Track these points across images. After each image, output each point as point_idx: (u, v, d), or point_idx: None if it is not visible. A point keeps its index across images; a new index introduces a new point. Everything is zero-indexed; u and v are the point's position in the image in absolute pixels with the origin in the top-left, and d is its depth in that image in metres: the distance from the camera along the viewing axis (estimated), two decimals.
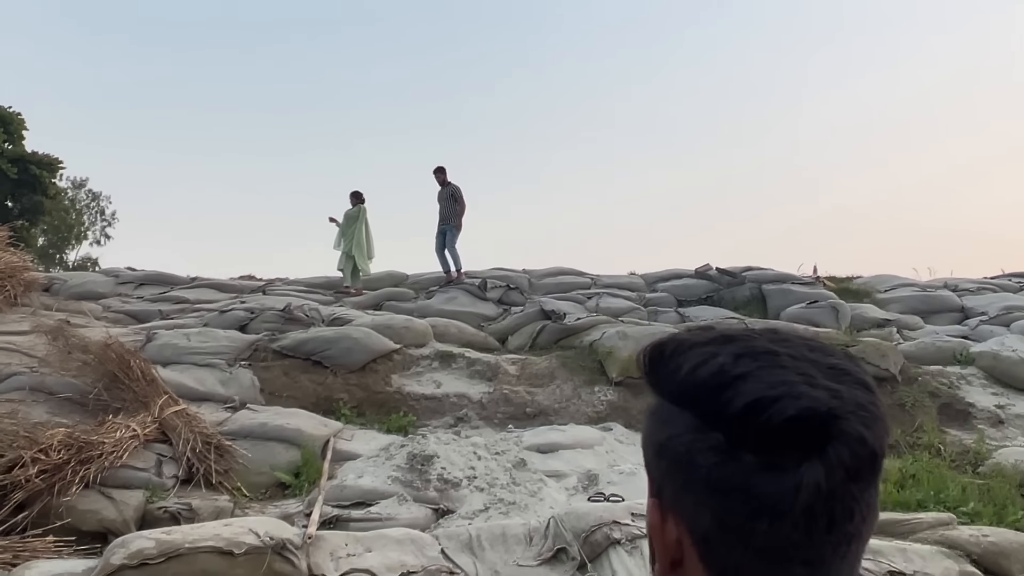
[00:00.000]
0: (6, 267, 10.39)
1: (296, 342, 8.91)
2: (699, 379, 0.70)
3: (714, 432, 0.68)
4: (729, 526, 0.68)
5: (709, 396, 0.69)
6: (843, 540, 0.68)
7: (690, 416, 0.71)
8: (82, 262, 36.98)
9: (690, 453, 0.70)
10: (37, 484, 5.54)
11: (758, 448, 0.66)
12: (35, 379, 7.60)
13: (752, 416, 0.66)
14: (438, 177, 13.08)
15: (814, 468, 0.65)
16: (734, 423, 0.67)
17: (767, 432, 0.65)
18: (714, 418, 0.68)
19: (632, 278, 14.10)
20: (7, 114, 30.93)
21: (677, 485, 0.72)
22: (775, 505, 0.65)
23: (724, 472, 0.67)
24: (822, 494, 0.65)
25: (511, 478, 6.65)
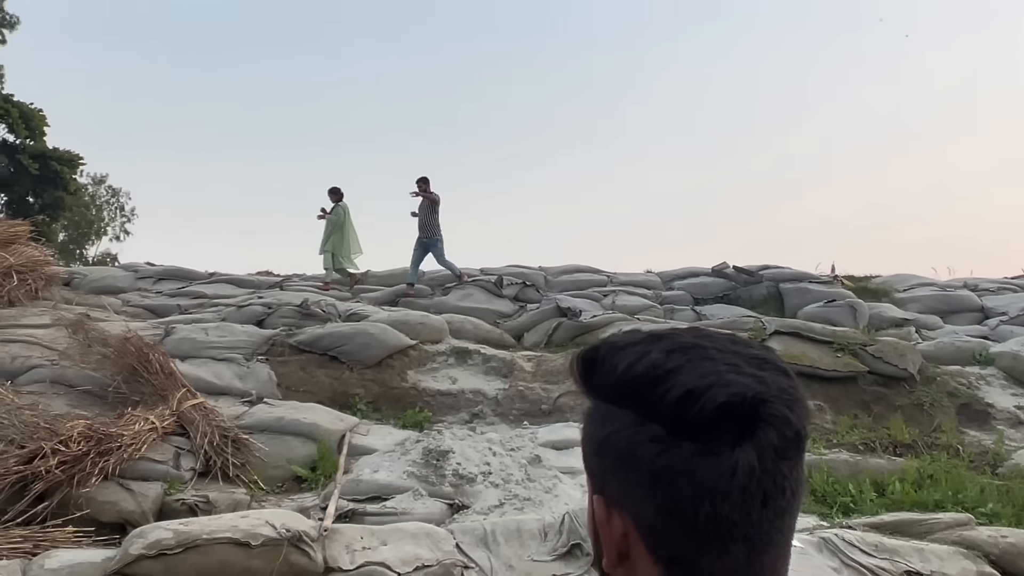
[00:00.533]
0: (28, 261, 10.51)
1: (313, 337, 8.95)
2: (634, 375, 0.74)
3: (652, 424, 0.72)
4: (673, 513, 0.71)
5: (645, 391, 0.73)
6: (777, 515, 0.73)
7: (628, 412, 0.74)
8: (102, 257, 37.28)
9: (631, 447, 0.73)
10: (57, 475, 5.59)
11: (695, 435, 0.70)
12: (56, 372, 7.68)
13: (687, 405, 0.70)
14: (420, 187, 12.55)
15: (747, 450, 0.70)
16: (671, 414, 0.71)
17: (702, 419, 0.69)
18: (651, 411, 0.72)
19: (648, 276, 14.08)
20: (29, 111, 31.25)
21: (620, 479, 0.75)
22: (714, 487, 0.70)
23: (665, 461, 0.71)
24: (756, 474, 0.70)
25: (526, 474, 6.66)
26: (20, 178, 30.42)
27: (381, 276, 13.74)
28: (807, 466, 3.65)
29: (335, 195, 13.34)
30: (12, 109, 30.50)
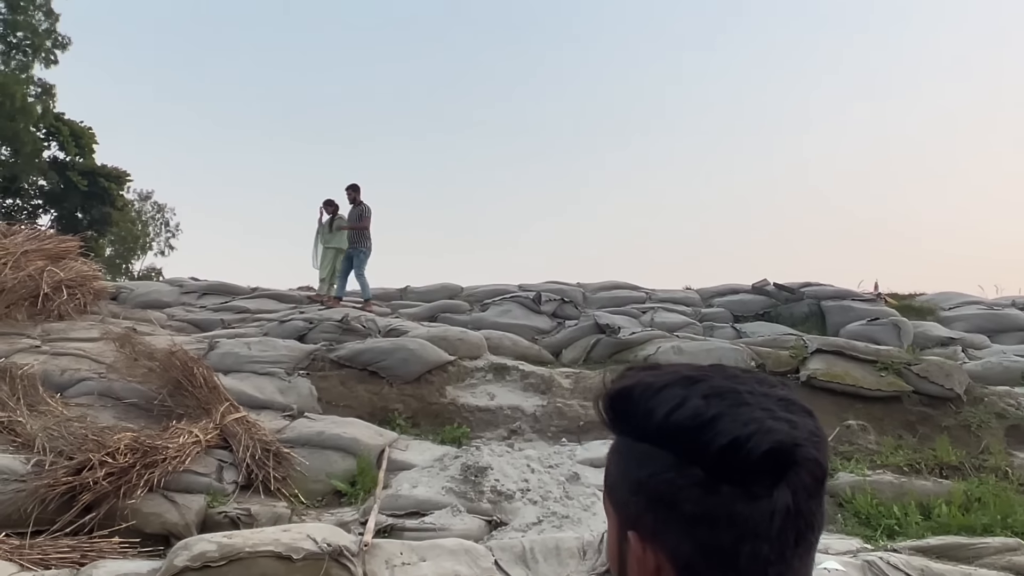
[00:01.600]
0: (77, 276, 10.76)
1: (353, 352, 9.03)
2: (677, 422, 0.77)
3: (694, 468, 0.75)
4: (713, 552, 0.75)
5: (689, 437, 0.76)
6: (805, 550, 0.77)
7: (669, 455, 0.77)
8: (147, 272, 38.04)
9: (672, 489, 0.76)
10: (104, 486, 5.70)
11: (737, 480, 0.74)
12: (103, 384, 7.85)
13: (732, 453, 0.73)
14: (349, 195, 12.33)
15: (784, 493, 0.74)
16: (715, 460, 0.74)
17: (746, 466, 0.73)
18: (694, 456, 0.75)
19: (687, 293, 14.00)
20: (79, 129, 32.07)
21: (658, 518, 0.78)
22: (756, 529, 0.74)
23: (708, 504, 0.74)
24: (791, 514, 0.74)
25: (565, 492, 6.64)
26: (70, 194, 31.21)
27: (420, 292, 13.84)
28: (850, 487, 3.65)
29: (332, 207, 12.96)
30: (63, 127, 31.34)
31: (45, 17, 30.29)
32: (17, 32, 29.62)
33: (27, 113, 29.25)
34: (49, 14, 30.35)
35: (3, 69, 29.57)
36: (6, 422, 6.67)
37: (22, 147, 29.58)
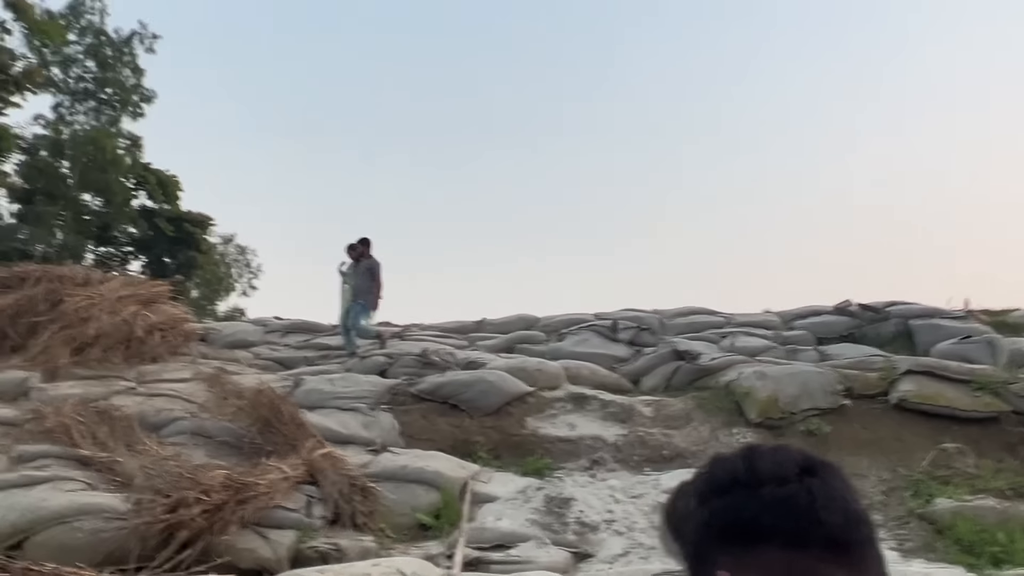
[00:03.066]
0: (168, 319, 11.19)
1: (433, 386, 9.13)
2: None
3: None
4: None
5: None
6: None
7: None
8: (231, 312, 39.20)
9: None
10: (200, 523, 5.88)
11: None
12: (195, 424, 8.11)
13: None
14: (358, 249, 11.88)
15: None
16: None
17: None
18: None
19: (767, 316, 13.72)
20: (165, 177, 33.46)
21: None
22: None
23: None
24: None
25: (650, 522, 6.56)
26: (158, 240, 32.51)
27: (496, 323, 13.91)
28: (950, 513, 3.52)
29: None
30: (150, 176, 32.75)
31: (132, 73, 31.85)
32: (106, 88, 31.19)
33: (117, 165, 30.69)
34: (136, 70, 31.89)
35: (95, 124, 31.15)
36: (107, 462, 6.95)
37: (113, 197, 31.02)
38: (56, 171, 30.75)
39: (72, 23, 30.88)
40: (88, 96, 31.19)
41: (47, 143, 30.99)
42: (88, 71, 31.17)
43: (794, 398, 8.72)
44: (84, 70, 31.16)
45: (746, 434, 8.51)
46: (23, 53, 28.78)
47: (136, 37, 31.87)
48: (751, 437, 8.45)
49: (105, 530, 5.97)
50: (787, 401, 8.70)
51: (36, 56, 29.58)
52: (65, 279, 11.12)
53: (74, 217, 30.92)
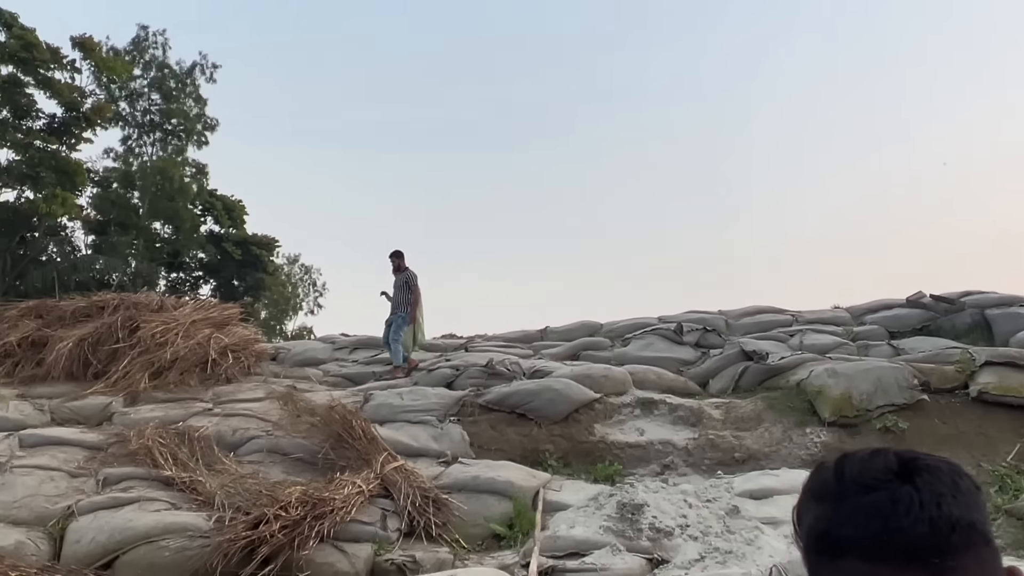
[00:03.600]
0: (240, 340, 11.48)
1: (500, 396, 9.18)
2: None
3: None
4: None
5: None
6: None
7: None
8: (299, 331, 40.02)
9: None
10: (280, 539, 6.02)
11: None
12: (271, 441, 8.30)
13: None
14: (393, 262, 11.96)
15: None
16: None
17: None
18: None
19: (837, 312, 13.43)
20: (231, 202, 34.37)
21: None
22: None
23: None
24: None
25: (725, 526, 6.48)
26: (226, 264, 33.38)
27: (559, 331, 13.91)
28: None
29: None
30: (216, 202, 33.68)
31: (195, 103, 32.84)
32: (172, 119, 32.20)
33: (185, 193, 31.64)
34: (198, 100, 32.88)
35: (162, 154, 32.17)
36: (188, 482, 7.16)
37: (182, 224, 31.97)
38: (127, 202, 31.86)
39: (136, 58, 31.98)
40: (154, 128, 32.23)
41: (118, 175, 32.14)
42: (153, 103, 32.23)
43: (868, 395, 8.52)
44: (150, 103, 32.23)
45: (820, 433, 8.34)
46: (92, 90, 29.91)
47: (197, 68, 32.85)
48: (825, 436, 8.28)
49: (190, 548, 6.16)
50: (861, 398, 8.50)
51: (104, 92, 30.71)
52: (141, 306, 11.51)
53: (146, 245, 31.96)
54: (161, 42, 32.39)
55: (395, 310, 11.72)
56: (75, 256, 30.31)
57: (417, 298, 11.77)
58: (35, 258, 28.87)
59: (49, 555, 6.34)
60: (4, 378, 10.42)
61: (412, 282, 11.81)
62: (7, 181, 27.84)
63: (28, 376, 10.47)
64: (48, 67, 27.49)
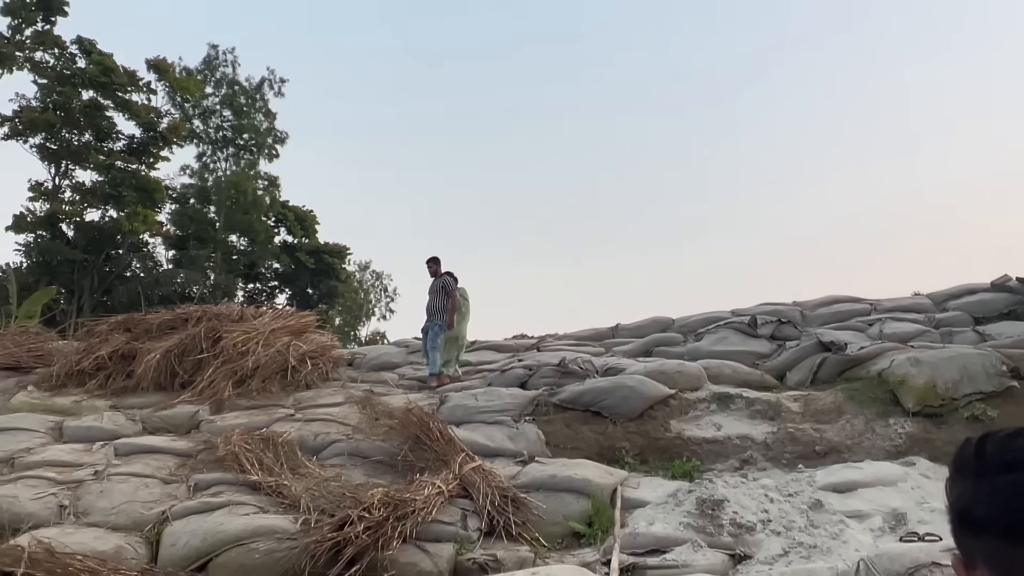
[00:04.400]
0: (317, 347, 11.75)
1: (574, 394, 9.19)
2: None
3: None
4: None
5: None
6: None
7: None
8: (373, 336, 40.68)
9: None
10: (364, 540, 6.16)
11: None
12: (351, 445, 8.49)
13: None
14: (430, 268, 11.98)
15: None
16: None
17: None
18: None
19: (917, 299, 13.05)
20: (302, 213, 35.16)
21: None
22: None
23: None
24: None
25: (808, 520, 6.37)
26: (300, 273, 34.16)
27: (631, 328, 13.85)
28: None
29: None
30: (288, 213, 34.50)
31: (264, 118, 33.72)
32: (243, 135, 33.13)
33: (258, 205, 32.52)
34: (268, 114, 33.76)
35: (235, 169, 33.12)
36: (274, 486, 7.37)
37: (257, 236, 32.86)
38: (204, 216, 32.89)
39: (208, 77, 32.98)
40: (227, 143, 33.22)
41: (194, 191, 33.21)
42: (225, 120, 33.21)
43: (954, 383, 8.27)
44: (222, 119, 33.22)
45: (904, 424, 8.14)
46: (167, 109, 30.96)
47: (266, 83, 33.70)
48: (910, 427, 8.08)
49: (278, 550, 6.34)
50: (946, 387, 8.26)
51: (179, 111, 31.76)
52: (222, 317, 11.87)
53: (223, 258, 32.93)
54: (231, 60, 33.39)
55: (432, 317, 11.59)
56: (157, 271, 31.44)
57: (455, 305, 11.65)
58: (120, 274, 30.04)
59: (147, 558, 6.60)
60: (98, 390, 10.88)
61: (449, 288, 11.72)
62: (92, 201, 29.06)
63: (120, 388, 10.91)
64: (126, 90, 28.61)
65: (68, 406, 10.28)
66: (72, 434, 9.28)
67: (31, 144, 28.01)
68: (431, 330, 11.47)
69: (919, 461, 7.47)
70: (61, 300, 27.03)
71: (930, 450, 7.70)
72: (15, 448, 8.69)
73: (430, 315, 11.63)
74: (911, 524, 6.11)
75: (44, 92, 27.69)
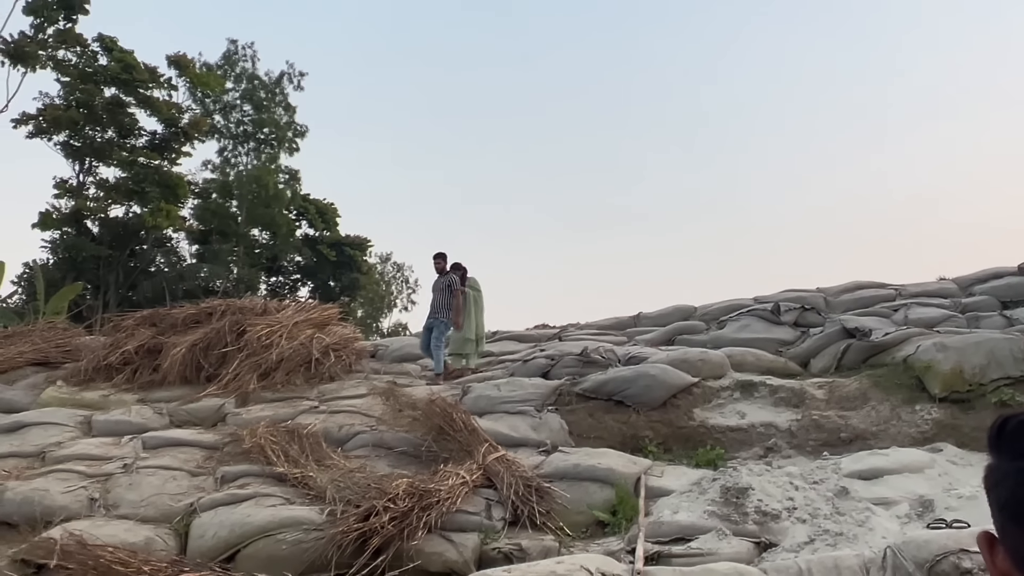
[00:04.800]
0: (340, 339, 11.81)
1: (597, 384, 9.19)
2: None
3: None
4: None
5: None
6: None
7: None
8: (395, 328, 40.85)
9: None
10: (390, 530, 6.21)
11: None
12: (375, 436, 8.54)
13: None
14: (437, 264, 11.81)
15: None
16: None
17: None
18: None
19: (943, 284, 12.90)
20: (323, 206, 35.31)
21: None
22: None
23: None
24: None
25: (834, 508, 6.34)
26: (322, 266, 34.33)
27: (653, 316, 13.82)
28: None
29: (454, 266, 12.11)
30: (309, 207, 34.66)
31: (284, 111, 33.85)
32: (264, 129, 33.29)
33: (279, 199, 32.69)
34: (287, 108, 33.89)
35: (256, 163, 33.30)
36: (300, 477, 7.43)
37: (279, 230, 33.05)
38: (226, 211, 33.12)
39: (228, 72, 33.13)
40: (248, 138, 33.38)
41: (216, 186, 33.43)
42: (246, 114, 33.36)
43: (981, 368, 8.18)
44: (242, 114, 33.37)
45: (931, 410, 8.07)
46: (188, 105, 31.17)
47: (285, 77, 33.82)
48: (936, 413, 8.01)
49: (305, 541, 6.41)
50: (973, 372, 8.18)
51: (200, 107, 31.96)
52: (246, 310, 11.96)
53: (246, 252, 33.15)
54: (250, 54, 33.52)
55: (436, 314, 11.45)
56: (181, 266, 31.73)
57: (459, 305, 11.54)
58: (144, 269, 30.36)
59: (176, 550, 6.70)
60: (125, 384, 11.00)
61: (455, 286, 11.62)
62: (116, 197, 29.35)
63: (146, 382, 11.03)
64: (147, 86, 28.82)
65: (96, 400, 10.42)
66: (101, 428, 9.41)
67: (55, 142, 28.32)
68: (436, 328, 11.33)
69: (946, 447, 7.40)
70: (87, 296, 27.35)
71: (957, 436, 7.63)
72: (46, 442, 8.82)
73: (434, 312, 11.49)
74: (938, 511, 6.06)
75: (67, 90, 27.96)
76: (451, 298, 11.52)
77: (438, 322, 11.39)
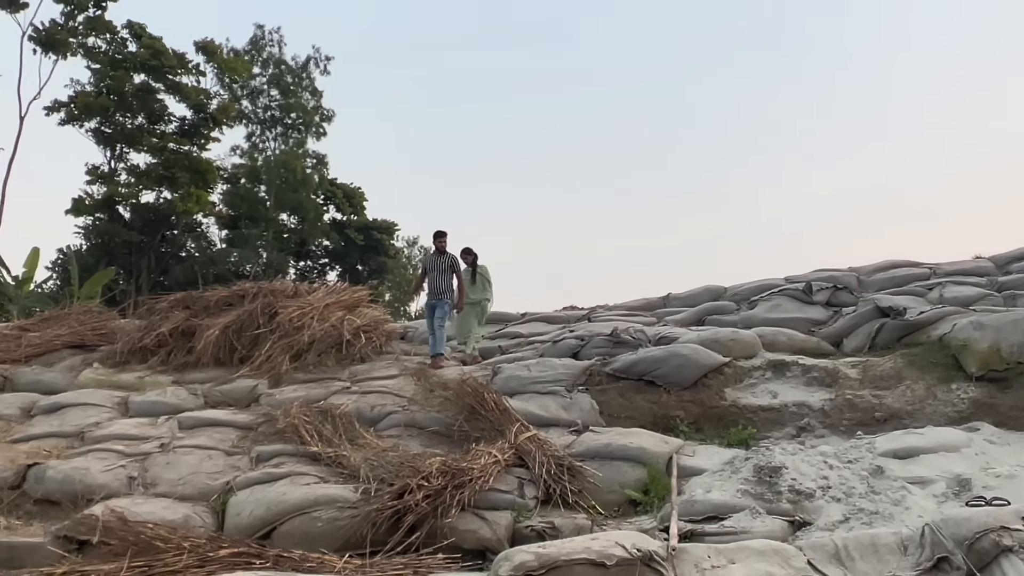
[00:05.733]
0: (371, 321, 11.89)
1: (627, 364, 9.17)
2: None
3: None
4: None
5: None
6: None
7: None
8: (421, 311, 41.03)
9: None
10: (424, 508, 6.26)
11: None
12: (407, 416, 8.61)
13: None
14: (437, 243, 11.55)
15: None
16: None
17: None
18: None
19: (978, 262, 12.68)
20: (351, 190, 35.46)
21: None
22: None
23: None
24: None
25: (869, 487, 6.30)
26: (350, 250, 34.52)
27: (683, 297, 13.74)
28: None
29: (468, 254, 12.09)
30: (337, 191, 34.82)
31: (311, 96, 33.97)
32: (291, 114, 33.44)
33: (307, 183, 32.88)
34: (314, 92, 34.01)
35: (284, 148, 33.47)
36: (334, 456, 7.51)
37: (306, 214, 33.27)
38: (255, 196, 33.38)
39: (255, 57, 33.29)
40: (275, 123, 33.57)
41: (245, 171, 33.69)
42: (273, 99, 33.53)
43: (1019, 346, 8.05)
44: (270, 99, 33.55)
45: (967, 389, 7.96)
46: (217, 91, 31.38)
47: (312, 62, 33.92)
48: (973, 392, 7.90)
49: (340, 518, 6.48)
50: (1011, 350, 8.05)
51: (228, 92, 32.16)
52: (277, 293, 12.07)
53: (275, 236, 33.41)
54: (277, 39, 33.65)
55: (439, 295, 11.18)
56: (211, 250, 32.08)
57: (462, 286, 11.40)
58: (175, 254, 30.73)
59: (214, 527, 6.81)
60: (160, 366, 11.17)
61: (457, 267, 11.47)
62: (147, 183, 29.69)
63: (181, 363, 11.19)
64: (176, 72, 29.07)
65: (132, 382, 10.59)
66: (137, 408, 9.57)
67: (87, 128, 28.69)
68: (439, 308, 11.07)
69: (983, 426, 7.31)
70: (120, 281, 27.74)
71: (995, 415, 7.52)
72: (85, 422, 9.00)
73: (437, 294, 11.22)
74: (976, 490, 6.00)
75: (97, 77, 28.28)
76: (452, 279, 11.34)
77: (443, 303, 11.16)
